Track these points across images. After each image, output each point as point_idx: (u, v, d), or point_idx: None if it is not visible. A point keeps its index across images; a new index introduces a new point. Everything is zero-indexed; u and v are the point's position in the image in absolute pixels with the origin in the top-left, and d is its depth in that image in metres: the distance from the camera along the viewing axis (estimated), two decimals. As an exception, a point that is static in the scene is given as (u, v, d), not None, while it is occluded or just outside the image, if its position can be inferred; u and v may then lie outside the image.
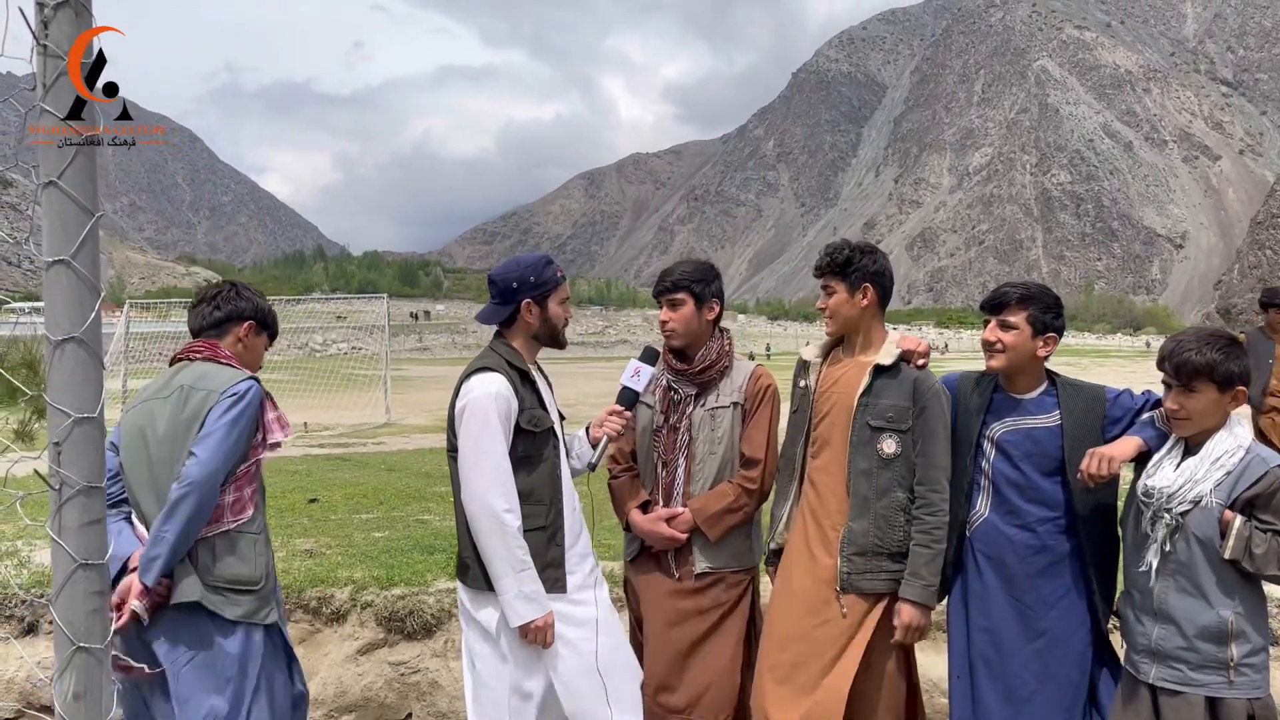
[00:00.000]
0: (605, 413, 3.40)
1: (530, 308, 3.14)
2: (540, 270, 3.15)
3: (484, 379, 3.03)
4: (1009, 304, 3.14)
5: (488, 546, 2.94)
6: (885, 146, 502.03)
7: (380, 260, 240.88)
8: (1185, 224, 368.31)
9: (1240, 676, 2.72)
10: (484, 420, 2.97)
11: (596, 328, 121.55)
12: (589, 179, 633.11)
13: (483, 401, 2.98)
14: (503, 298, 3.16)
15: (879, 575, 3.16)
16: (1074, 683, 3.13)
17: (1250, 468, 2.74)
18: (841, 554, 3.17)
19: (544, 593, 2.99)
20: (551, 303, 3.17)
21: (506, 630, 3.00)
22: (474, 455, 2.97)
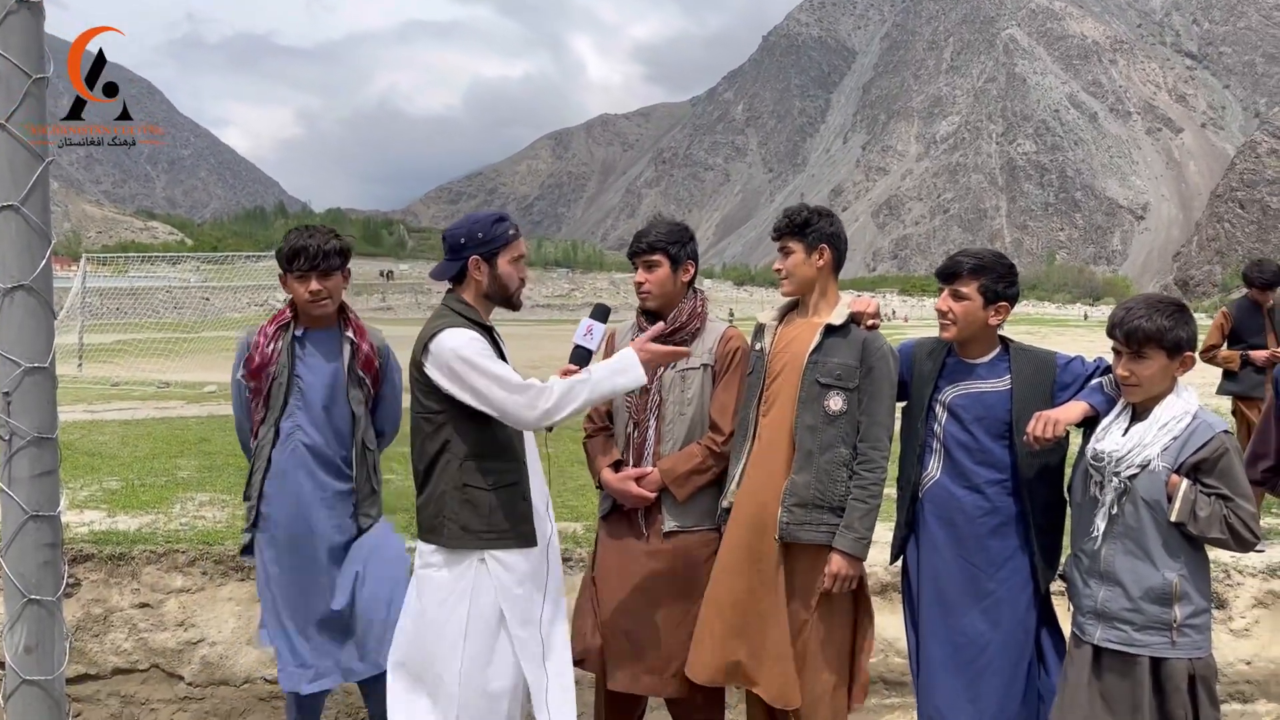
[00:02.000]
0: (560, 373, 3.34)
1: (478, 265, 3.10)
2: (489, 227, 3.11)
3: (455, 330, 3.00)
4: (961, 274, 3.18)
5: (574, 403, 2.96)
6: (854, 113, 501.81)
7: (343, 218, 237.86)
8: (1147, 196, 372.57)
9: (1183, 637, 2.78)
10: (482, 356, 2.95)
11: (563, 290, 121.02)
12: (557, 139, 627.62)
13: (469, 343, 2.95)
14: (451, 253, 3.15)
15: (819, 527, 3.23)
16: (1019, 642, 3.19)
17: (1196, 433, 2.79)
18: (783, 504, 3.24)
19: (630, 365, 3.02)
20: (501, 261, 3.12)
21: (479, 594, 3.01)
22: (491, 373, 2.93)
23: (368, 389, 3.55)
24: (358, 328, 3.56)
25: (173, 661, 4.76)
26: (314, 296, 3.40)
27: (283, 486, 3.43)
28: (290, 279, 3.45)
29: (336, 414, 3.49)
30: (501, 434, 3.05)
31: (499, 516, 3.01)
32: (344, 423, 3.50)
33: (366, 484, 3.52)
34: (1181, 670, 2.79)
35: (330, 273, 3.43)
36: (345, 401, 3.48)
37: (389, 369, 3.64)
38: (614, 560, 3.51)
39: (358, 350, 3.52)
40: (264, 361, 3.44)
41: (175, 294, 30.85)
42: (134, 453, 8.22)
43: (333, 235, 3.48)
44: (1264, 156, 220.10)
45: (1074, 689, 2.94)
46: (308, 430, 3.44)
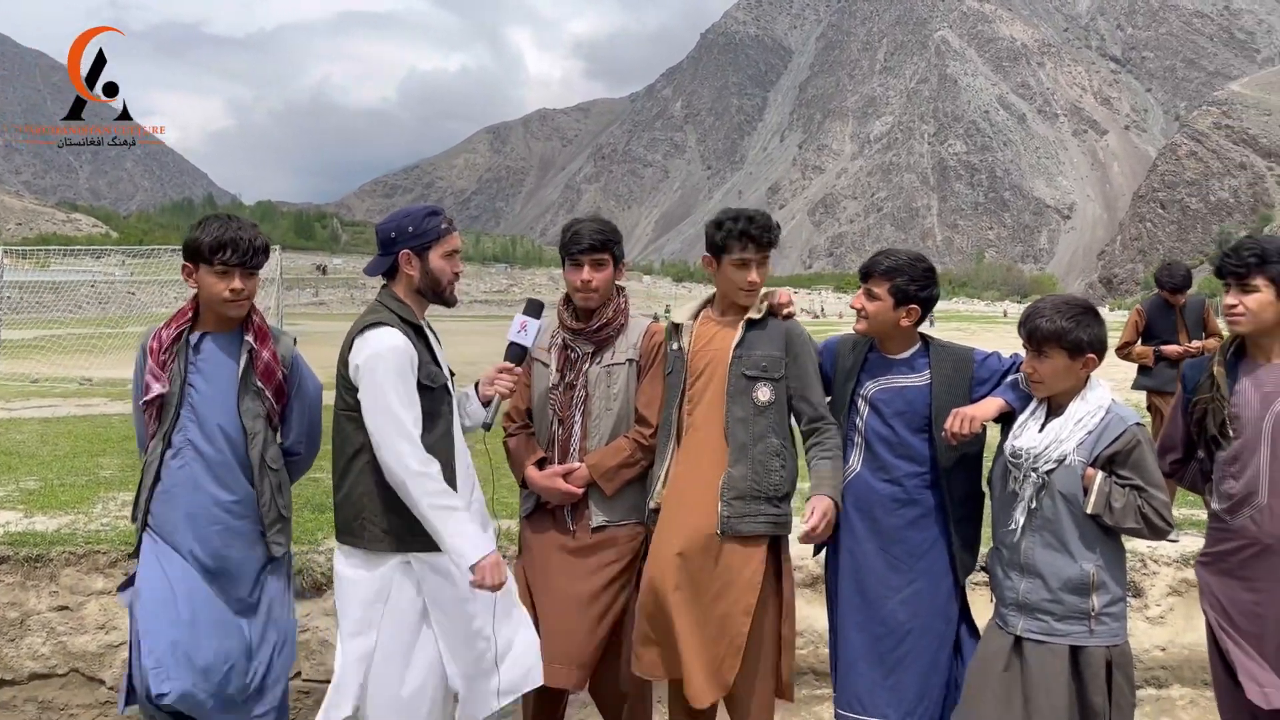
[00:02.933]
0: (494, 370, 3.37)
1: (410, 259, 3.07)
2: (420, 221, 3.07)
3: (383, 332, 2.96)
4: (875, 273, 3.26)
5: (417, 498, 2.88)
6: (790, 112, 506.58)
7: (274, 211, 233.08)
8: (1073, 196, 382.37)
9: (1100, 626, 2.88)
10: (395, 373, 2.91)
11: (501, 286, 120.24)
12: (495, 133, 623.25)
13: (389, 355, 2.92)
14: (383, 248, 3.11)
15: (758, 518, 3.26)
16: (939, 632, 3.24)
17: (1110, 426, 2.90)
18: (722, 499, 3.24)
19: (484, 533, 3.00)
20: (433, 255, 3.09)
21: (399, 592, 2.97)
22: (389, 408, 2.89)
23: (268, 401, 3.16)
24: (260, 332, 3.19)
25: (93, 665, 4.63)
26: (235, 296, 3.07)
27: (172, 505, 3.07)
28: (207, 273, 3.05)
29: (227, 430, 3.11)
30: (428, 436, 2.99)
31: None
32: (237, 440, 3.11)
33: (271, 507, 3.14)
34: (1099, 658, 2.87)
35: (254, 271, 3.14)
36: (237, 415, 3.11)
37: (299, 381, 3.27)
38: (541, 556, 3.48)
39: (256, 357, 3.15)
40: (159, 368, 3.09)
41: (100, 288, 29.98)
42: (54, 451, 8.00)
43: (257, 229, 3.19)
44: (1184, 159, 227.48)
45: (990, 678, 2.98)
46: (200, 445, 3.08)
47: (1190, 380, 3.25)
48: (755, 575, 3.25)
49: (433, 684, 3.01)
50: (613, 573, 3.42)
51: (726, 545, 3.24)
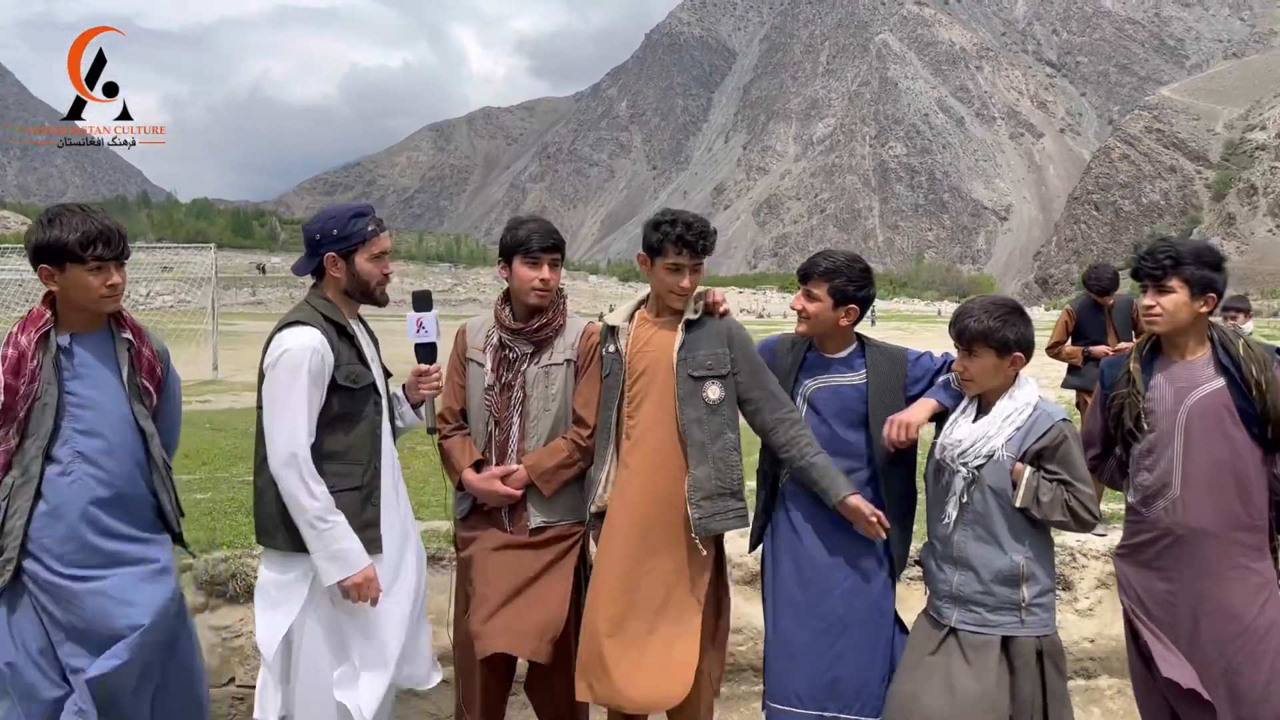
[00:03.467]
0: (414, 375, 3.37)
1: (335, 261, 3.04)
2: (345, 223, 3.03)
3: (296, 332, 2.93)
4: (814, 275, 3.33)
5: (290, 503, 2.86)
6: (735, 113, 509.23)
7: (211, 209, 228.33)
8: (1010, 198, 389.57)
9: (1031, 616, 2.98)
10: (293, 373, 2.88)
11: (445, 285, 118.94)
12: (438, 131, 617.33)
13: (294, 356, 2.89)
14: (309, 249, 3.06)
15: (727, 515, 3.30)
16: (874, 627, 3.30)
17: (1037, 422, 3.01)
18: (690, 501, 3.26)
19: (358, 549, 2.93)
20: (360, 257, 3.06)
21: (317, 592, 2.95)
22: (279, 409, 2.88)
23: (151, 399, 3.01)
24: (135, 328, 3.01)
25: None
26: (114, 291, 2.86)
27: (57, 529, 2.78)
28: (79, 272, 2.80)
29: (122, 433, 2.90)
30: (345, 437, 2.98)
31: None
32: (134, 442, 2.93)
33: (172, 509, 3.04)
34: (1030, 648, 2.96)
35: (124, 262, 2.91)
36: (130, 416, 2.93)
37: (170, 377, 3.14)
38: (480, 557, 3.45)
39: (138, 355, 2.98)
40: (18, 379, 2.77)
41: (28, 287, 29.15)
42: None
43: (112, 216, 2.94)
44: (1117, 161, 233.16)
45: (924, 669, 3.06)
46: (94, 455, 2.84)
47: (1108, 377, 3.32)
48: (704, 573, 3.32)
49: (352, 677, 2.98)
50: (553, 568, 3.41)
51: (685, 547, 3.27)
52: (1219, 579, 3.04)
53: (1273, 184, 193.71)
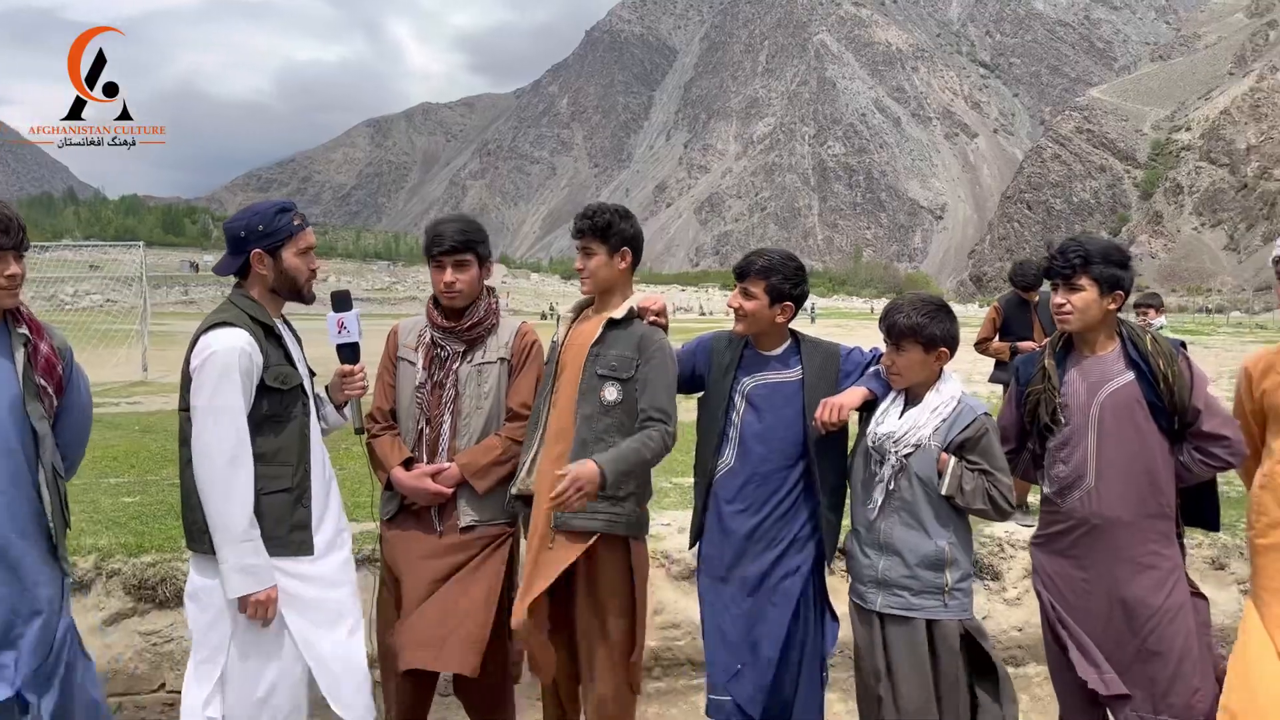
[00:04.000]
0: (338, 375, 3.34)
1: (261, 259, 2.99)
2: (271, 219, 2.99)
3: (223, 334, 2.87)
4: (750, 273, 3.38)
5: (210, 510, 2.80)
6: (676, 111, 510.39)
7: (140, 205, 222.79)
8: (945, 197, 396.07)
9: (953, 600, 3.11)
10: (222, 375, 2.81)
11: (383, 283, 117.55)
12: (375, 127, 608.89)
13: (222, 357, 2.82)
14: (233, 247, 3.01)
15: (594, 516, 3.26)
16: (804, 615, 3.39)
17: (961, 415, 3.15)
18: None
19: (267, 566, 2.87)
20: (287, 254, 3.02)
21: None
22: (207, 411, 2.81)
23: (49, 399, 2.84)
24: (32, 323, 2.84)
25: None
26: (11, 283, 2.73)
27: None
28: None
29: (18, 433, 2.73)
30: (275, 438, 2.93)
31: (270, 523, 2.90)
32: (25, 446, 2.75)
33: (61, 521, 2.85)
34: (953, 630, 3.09)
35: (23, 253, 2.76)
36: (24, 417, 2.74)
37: (74, 375, 2.98)
38: (406, 559, 3.40)
39: (36, 351, 2.80)
40: None
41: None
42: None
43: None
44: (1048, 161, 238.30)
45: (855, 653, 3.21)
46: None
47: (1024, 374, 3.41)
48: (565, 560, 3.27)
49: (289, 685, 2.94)
50: (482, 568, 3.39)
51: (558, 539, 3.27)
52: (1131, 565, 3.15)
53: (1197, 183, 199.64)
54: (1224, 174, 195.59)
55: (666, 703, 4.89)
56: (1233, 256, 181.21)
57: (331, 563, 3.07)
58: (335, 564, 3.09)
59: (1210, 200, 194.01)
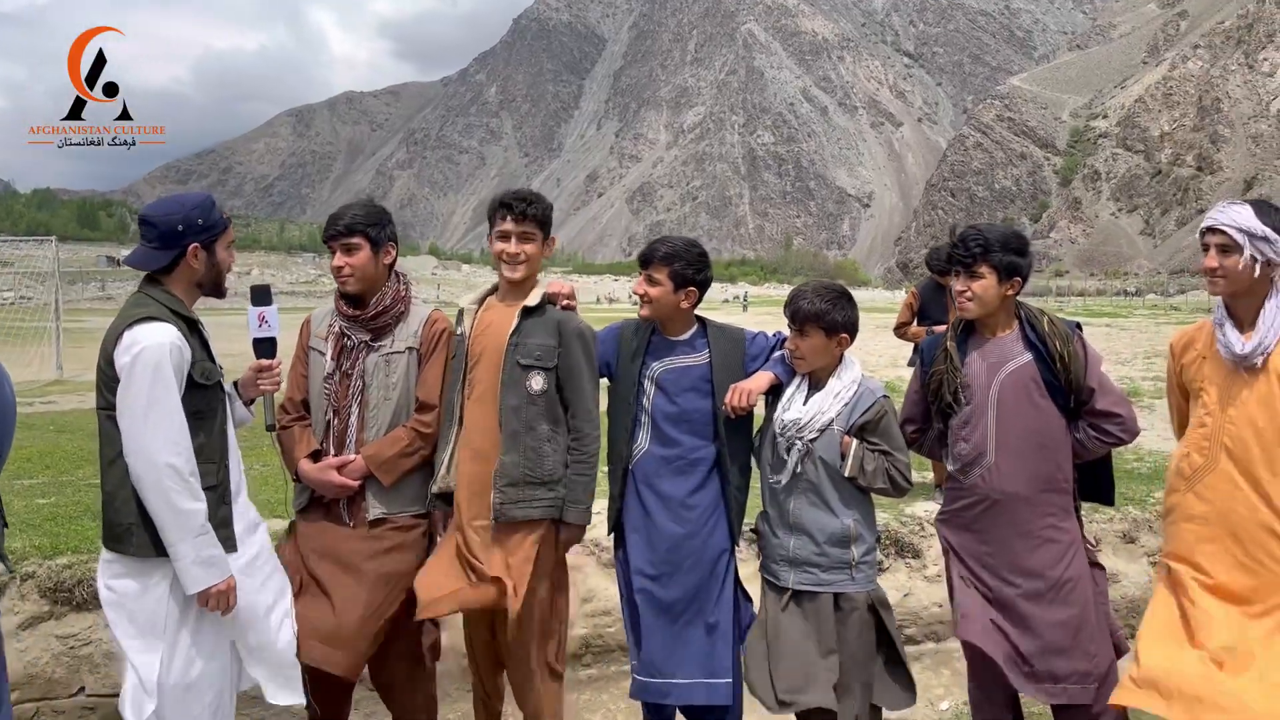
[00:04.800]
0: (252, 370, 3.28)
1: (197, 253, 2.93)
2: (208, 212, 2.95)
3: (152, 329, 2.78)
4: (654, 260, 3.44)
5: (164, 510, 2.73)
6: (606, 100, 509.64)
7: (54, 199, 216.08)
8: (872, 185, 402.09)
9: (859, 573, 3.25)
10: (155, 372, 2.74)
11: (309, 276, 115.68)
12: (298, 116, 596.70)
13: (154, 353, 2.75)
14: (163, 241, 2.91)
15: (532, 503, 3.32)
16: (717, 594, 3.46)
17: (862, 398, 3.27)
18: (495, 486, 3.30)
19: (223, 555, 2.87)
20: (219, 247, 2.99)
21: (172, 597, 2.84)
22: (144, 411, 2.73)
23: None
24: None
25: None
26: None
27: None
28: None
29: None
30: (200, 436, 2.87)
31: None
32: None
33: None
34: (861, 600, 3.22)
35: None
36: None
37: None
38: (316, 551, 3.37)
39: None
40: None
41: None
42: None
43: None
44: (971, 149, 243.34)
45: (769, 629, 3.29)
46: None
47: (927, 356, 3.52)
48: (529, 554, 3.33)
49: (215, 671, 2.92)
50: (392, 562, 3.36)
51: (502, 530, 3.31)
52: (1030, 539, 3.28)
53: (1114, 169, 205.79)
54: (1139, 160, 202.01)
55: (598, 689, 4.94)
56: (1148, 241, 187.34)
57: (253, 555, 3.04)
58: (257, 556, 3.07)
59: (1126, 186, 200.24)
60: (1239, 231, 2.93)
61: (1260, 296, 2.97)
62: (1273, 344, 2.95)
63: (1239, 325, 3.02)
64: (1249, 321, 3.00)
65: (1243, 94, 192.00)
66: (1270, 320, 2.96)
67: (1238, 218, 2.96)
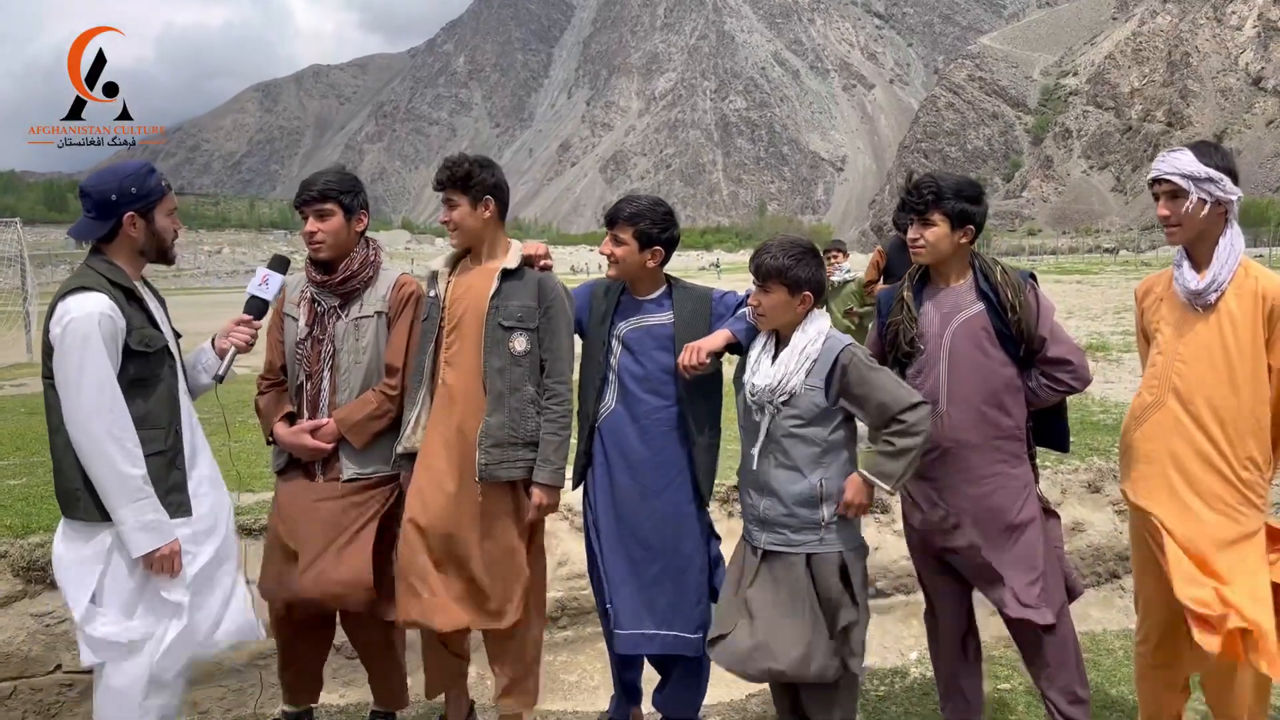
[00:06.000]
0: (232, 323, 3.32)
1: (134, 221, 2.96)
2: (143, 180, 2.97)
3: (82, 299, 2.82)
4: (620, 220, 3.46)
5: (100, 476, 2.80)
6: (576, 68, 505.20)
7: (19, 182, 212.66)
8: (845, 149, 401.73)
9: (829, 534, 3.19)
10: (84, 342, 2.77)
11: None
12: (264, 91, 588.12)
13: (82, 323, 2.78)
14: (99, 211, 2.95)
15: (516, 464, 3.38)
16: (686, 551, 3.52)
17: (828, 350, 3.19)
18: (480, 446, 3.34)
19: (167, 519, 2.91)
20: (158, 215, 3.02)
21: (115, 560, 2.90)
22: (75, 380, 2.78)
23: None
24: None
25: None
26: None
27: None
28: None
29: None
30: (144, 403, 2.93)
31: None
32: None
33: None
34: (832, 562, 3.17)
35: None
36: None
37: None
38: (292, 510, 3.48)
39: None
40: None
41: None
42: None
43: None
44: (943, 110, 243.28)
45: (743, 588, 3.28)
46: None
47: (885, 307, 3.53)
48: (519, 512, 3.44)
49: (164, 632, 2.98)
50: (366, 515, 3.47)
51: (486, 489, 3.37)
52: (983, 484, 3.32)
53: (1085, 127, 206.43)
54: (1110, 117, 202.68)
55: (574, 650, 5.03)
56: (1120, 198, 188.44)
57: (206, 518, 3.09)
58: (209, 517, 3.11)
59: (1097, 144, 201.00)
60: (1182, 177, 2.97)
61: (1215, 237, 3.01)
62: (1226, 279, 2.99)
63: (1196, 267, 3.06)
64: (1205, 263, 3.05)
65: (1211, 48, 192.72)
66: (1224, 258, 3.00)
67: (1178, 163, 3.00)
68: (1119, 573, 5.82)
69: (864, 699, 4.17)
